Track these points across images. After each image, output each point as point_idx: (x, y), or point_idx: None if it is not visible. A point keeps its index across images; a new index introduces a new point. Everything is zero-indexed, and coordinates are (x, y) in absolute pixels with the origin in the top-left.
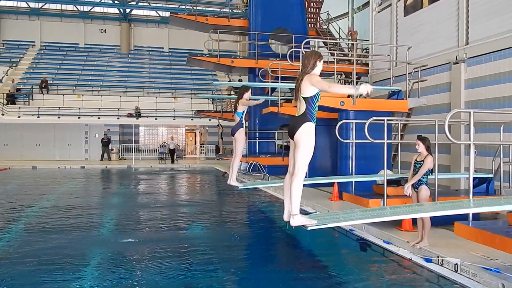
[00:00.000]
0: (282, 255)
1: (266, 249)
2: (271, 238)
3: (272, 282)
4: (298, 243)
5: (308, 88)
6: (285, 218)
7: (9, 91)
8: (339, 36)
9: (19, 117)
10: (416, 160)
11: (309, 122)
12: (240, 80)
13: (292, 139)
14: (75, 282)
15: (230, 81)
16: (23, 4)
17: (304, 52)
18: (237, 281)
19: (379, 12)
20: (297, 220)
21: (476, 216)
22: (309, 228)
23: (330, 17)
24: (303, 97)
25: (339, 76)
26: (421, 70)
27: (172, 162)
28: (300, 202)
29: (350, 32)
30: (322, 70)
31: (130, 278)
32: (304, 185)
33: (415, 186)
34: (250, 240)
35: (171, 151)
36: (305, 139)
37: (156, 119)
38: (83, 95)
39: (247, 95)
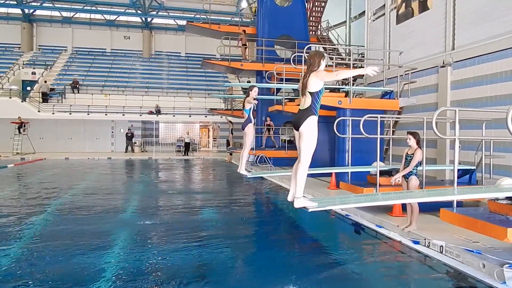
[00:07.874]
0: (285, 235)
1: (271, 231)
2: (275, 221)
3: (276, 259)
4: (299, 226)
5: (316, 83)
6: (289, 198)
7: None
8: (338, 42)
9: (53, 113)
10: (407, 153)
11: (313, 116)
12: (248, 82)
13: (297, 131)
14: (102, 258)
15: (239, 82)
16: (57, 14)
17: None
18: (246, 258)
19: (373, 20)
20: (299, 202)
21: (460, 204)
22: (309, 210)
23: (329, 25)
24: (309, 92)
25: None
26: (411, 72)
27: (187, 154)
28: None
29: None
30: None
31: (150, 255)
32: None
33: (406, 177)
34: (257, 223)
35: (186, 145)
36: (310, 131)
37: (174, 116)
38: (109, 94)
39: (253, 93)
